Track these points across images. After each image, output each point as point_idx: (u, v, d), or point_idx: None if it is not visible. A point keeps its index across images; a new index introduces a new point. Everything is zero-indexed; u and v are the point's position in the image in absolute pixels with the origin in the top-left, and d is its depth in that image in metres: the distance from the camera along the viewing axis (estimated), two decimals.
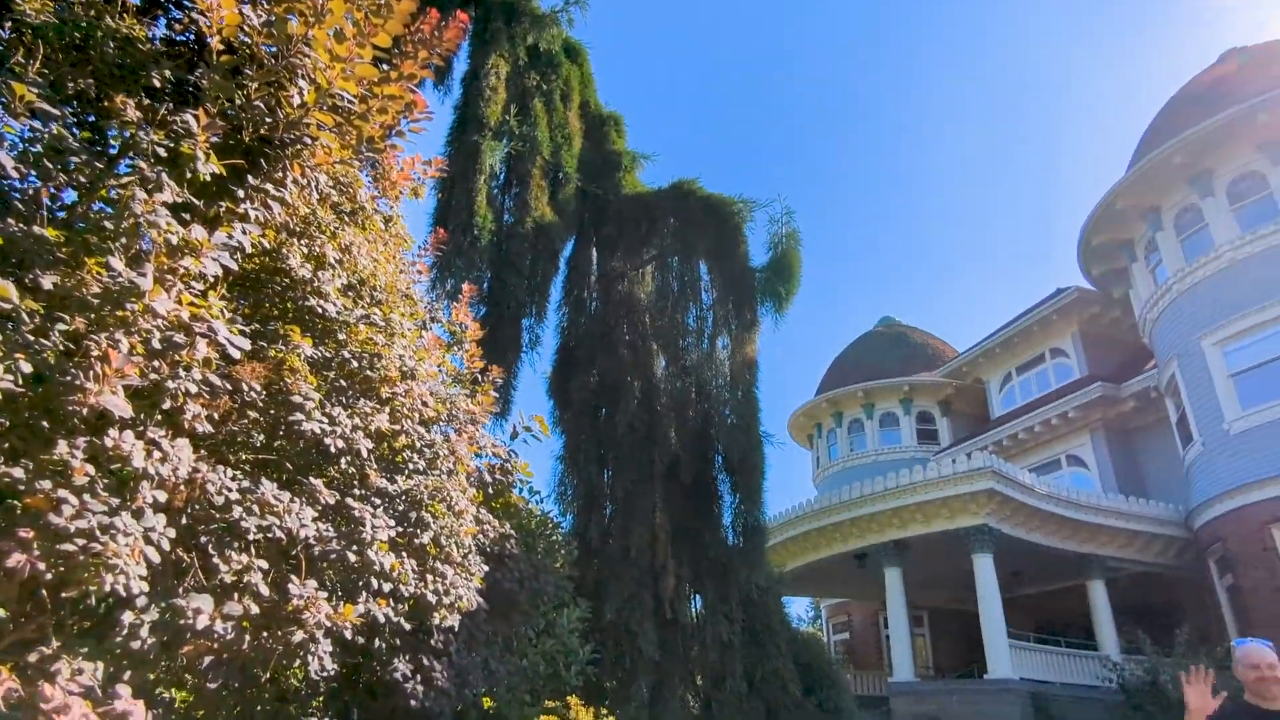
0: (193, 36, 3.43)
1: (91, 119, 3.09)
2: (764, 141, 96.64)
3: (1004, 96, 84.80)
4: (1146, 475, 18.15)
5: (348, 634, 3.29)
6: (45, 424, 2.38)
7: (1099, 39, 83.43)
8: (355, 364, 3.76)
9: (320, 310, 3.68)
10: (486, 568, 4.48)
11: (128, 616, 2.63)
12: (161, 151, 2.73)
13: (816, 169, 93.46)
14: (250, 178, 3.18)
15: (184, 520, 2.89)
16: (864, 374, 25.70)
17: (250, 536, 3.00)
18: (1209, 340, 14.94)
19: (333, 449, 3.44)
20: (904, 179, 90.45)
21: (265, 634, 3.07)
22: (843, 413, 25.79)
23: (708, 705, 8.15)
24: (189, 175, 2.83)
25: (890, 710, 14.07)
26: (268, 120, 3.13)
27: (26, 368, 2.23)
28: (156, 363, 2.62)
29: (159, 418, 2.72)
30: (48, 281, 2.43)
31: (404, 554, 3.75)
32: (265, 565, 3.09)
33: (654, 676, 8.29)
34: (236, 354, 2.89)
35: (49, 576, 2.25)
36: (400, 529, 3.78)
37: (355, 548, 3.41)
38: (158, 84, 3.09)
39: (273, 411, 3.34)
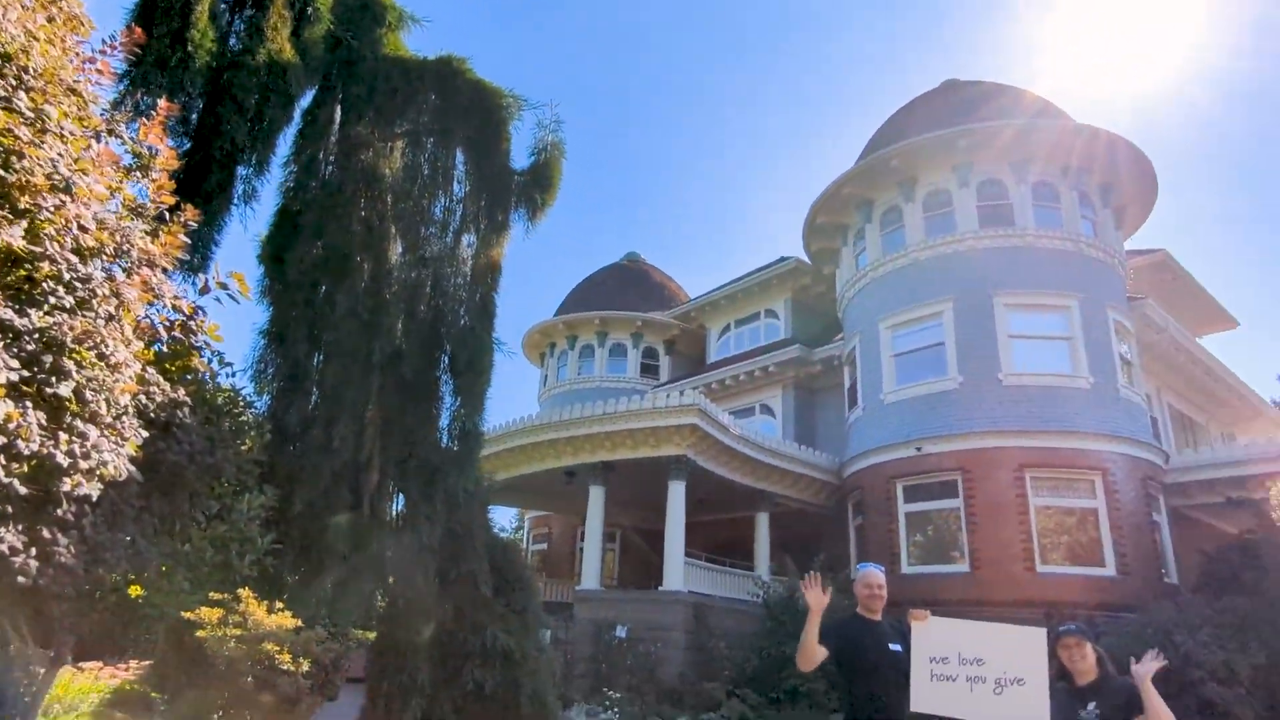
0: None
1: None
2: (548, 48, 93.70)
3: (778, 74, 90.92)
4: (818, 429, 21.19)
5: None
6: None
7: (863, 35, 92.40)
8: None
9: None
10: (147, 434, 3.84)
11: None
12: None
13: (594, 91, 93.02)
14: None
15: None
16: (603, 303, 26.60)
17: None
18: (884, 324, 17.59)
19: None
20: (675, 130, 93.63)
21: None
22: (577, 337, 26.54)
23: (394, 602, 8.03)
24: None
25: (574, 614, 15.15)
26: None
27: None
28: None
29: None
30: None
31: (29, 404, 3.07)
32: None
33: (343, 572, 7.94)
34: None
35: None
36: (28, 373, 3.08)
37: None
38: None
39: None
